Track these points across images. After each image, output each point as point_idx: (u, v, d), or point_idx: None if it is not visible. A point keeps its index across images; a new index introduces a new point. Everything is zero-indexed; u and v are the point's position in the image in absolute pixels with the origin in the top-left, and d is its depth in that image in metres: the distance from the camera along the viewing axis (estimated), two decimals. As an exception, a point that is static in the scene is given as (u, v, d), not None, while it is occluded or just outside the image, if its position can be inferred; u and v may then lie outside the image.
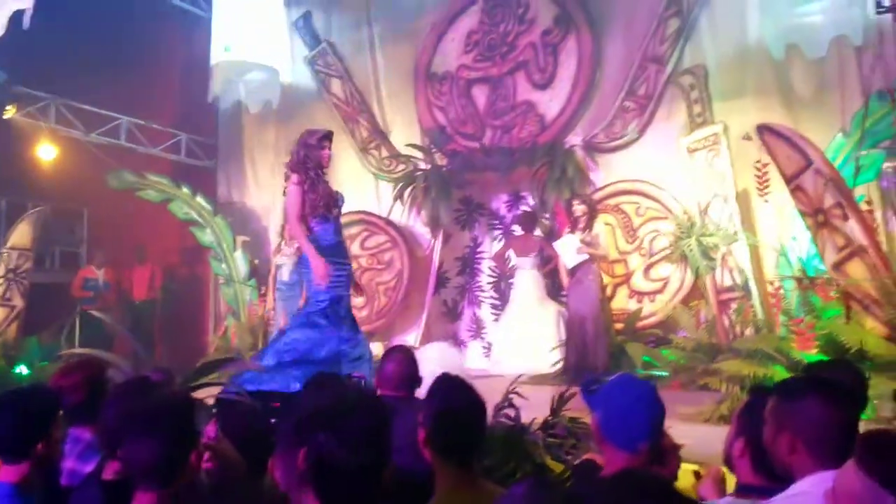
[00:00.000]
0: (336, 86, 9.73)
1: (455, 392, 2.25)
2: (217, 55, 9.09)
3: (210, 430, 2.56)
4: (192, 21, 9.99)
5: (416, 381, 3.12)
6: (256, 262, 9.58)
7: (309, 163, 4.92)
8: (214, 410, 3.11)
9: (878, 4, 4.97)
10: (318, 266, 4.78)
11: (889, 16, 6.17)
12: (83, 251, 10.28)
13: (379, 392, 3.20)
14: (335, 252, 4.98)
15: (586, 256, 6.87)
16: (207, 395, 4.31)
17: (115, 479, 2.16)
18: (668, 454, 2.61)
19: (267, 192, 10.09)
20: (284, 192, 5.13)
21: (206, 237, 9.61)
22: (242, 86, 9.63)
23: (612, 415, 2.14)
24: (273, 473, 1.96)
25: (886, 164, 5.95)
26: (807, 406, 1.91)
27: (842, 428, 1.85)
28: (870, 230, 4.78)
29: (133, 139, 9.82)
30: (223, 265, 9.54)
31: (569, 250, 6.99)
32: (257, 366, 4.90)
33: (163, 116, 10.30)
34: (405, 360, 3.13)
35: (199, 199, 9.60)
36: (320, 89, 9.79)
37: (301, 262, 5.26)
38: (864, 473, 1.44)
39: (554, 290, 7.87)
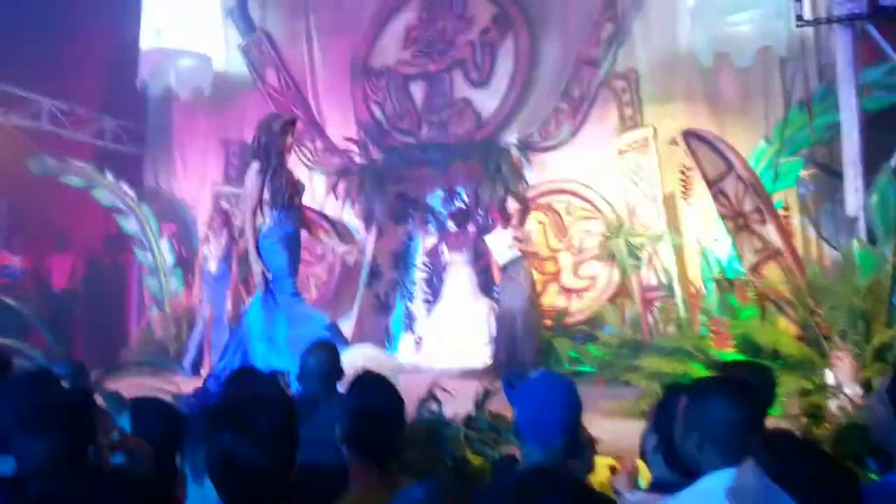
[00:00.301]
0: (271, 76, 9.54)
1: (373, 390, 2.23)
2: (147, 40, 8.81)
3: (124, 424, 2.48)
4: (122, 3, 9.63)
5: (338, 375, 3.10)
6: (184, 252, 9.34)
7: (271, 149, 4.81)
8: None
9: (799, 17, 5.16)
10: (258, 270, 4.73)
11: (812, 28, 6.44)
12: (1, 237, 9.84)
13: (300, 386, 3.17)
14: (295, 242, 4.95)
15: (517, 253, 6.95)
16: (125, 387, 4.19)
17: (9, 479, 2.07)
18: (584, 448, 2.66)
19: (196, 180, 9.84)
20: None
21: (131, 225, 9.33)
22: (173, 72, 9.32)
23: (530, 412, 2.16)
24: (182, 470, 1.92)
25: (804, 172, 6.19)
26: (715, 406, 1.97)
27: (747, 427, 1.91)
28: (786, 234, 4.97)
29: (56, 123, 9.41)
30: (148, 254, 9.28)
31: (500, 246, 7.05)
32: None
33: (88, 100, 9.91)
34: (327, 354, 3.11)
35: (124, 187, 9.31)
36: (254, 78, 9.58)
37: (261, 255, 5.04)
38: (760, 470, 1.49)
39: (486, 285, 7.93)
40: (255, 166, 4.81)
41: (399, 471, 2.34)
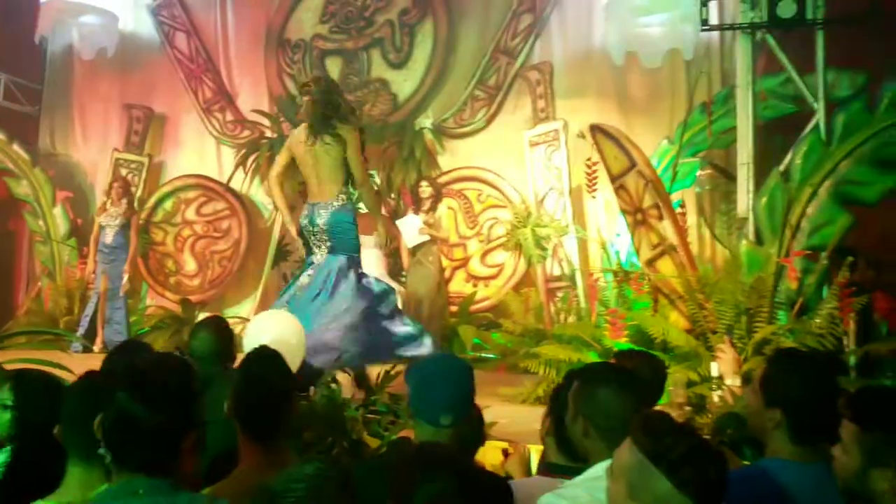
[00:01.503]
0: (180, 40, 9.17)
1: (260, 365, 2.21)
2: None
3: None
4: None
5: (228, 354, 3.02)
6: (79, 220, 8.91)
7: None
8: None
9: (704, 22, 5.36)
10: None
11: (717, 34, 6.71)
12: None
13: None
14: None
15: (427, 238, 6.96)
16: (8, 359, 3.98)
17: None
18: (475, 425, 2.70)
19: (95, 145, 9.38)
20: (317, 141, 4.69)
21: (22, 189, 8.82)
22: (76, 28, 8.87)
23: (419, 390, 2.17)
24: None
25: (701, 173, 6.47)
26: (600, 394, 2.03)
27: (631, 416, 1.98)
28: (681, 231, 5.19)
29: (-57, 75, 8.78)
30: (40, 221, 8.80)
31: (411, 230, 7.02)
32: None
33: (-21, 53, 9.27)
34: (213, 333, 3.00)
35: (17, 148, 8.78)
36: (163, 42, 9.19)
37: (335, 232, 4.78)
38: (635, 448, 1.55)
39: (395, 269, 7.91)
40: (357, 134, 4.62)
41: (290, 450, 2.32)
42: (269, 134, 8.61)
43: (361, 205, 5.48)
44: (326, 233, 4.75)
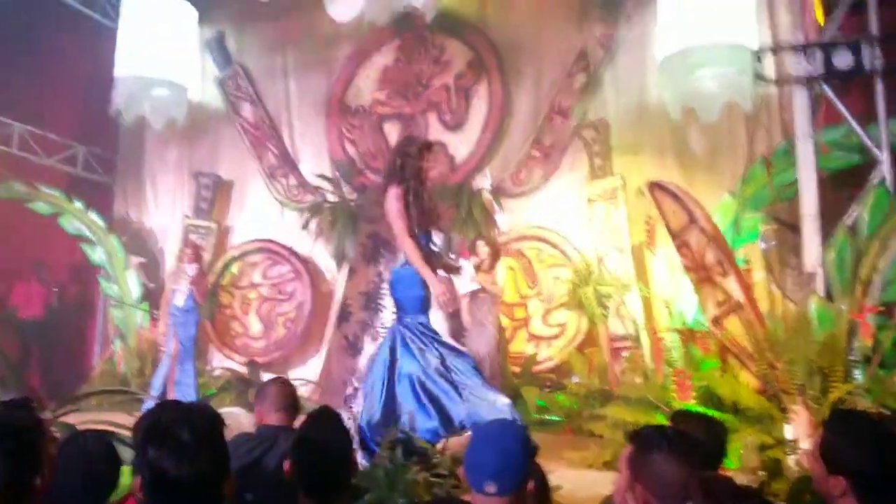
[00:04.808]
0: (246, 109, 9.59)
1: (321, 424, 2.22)
2: (122, 67, 8.78)
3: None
4: (98, 30, 9.63)
5: (293, 414, 3.06)
6: (151, 284, 9.23)
7: (408, 172, 4.65)
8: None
9: (759, 75, 5.32)
10: (440, 287, 4.34)
11: (776, 87, 6.63)
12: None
13: (259, 423, 3.11)
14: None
15: (477, 286, 6.86)
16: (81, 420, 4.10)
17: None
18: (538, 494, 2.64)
19: (166, 212, 9.78)
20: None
21: (97, 255, 9.21)
22: (147, 101, 9.31)
23: (468, 455, 2.12)
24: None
25: (765, 227, 6.33)
26: (655, 461, 1.97)
27: (688, 482, 1.92)
28: (747, 288, 5.05)
29: (26, 148, 9.32)
30: (114, 286, 9.15)
31: (464, 276, 6.91)
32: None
33: (60, 126, 9.82)
34: (281, 391, 3.05)
35: (92, 215, 9.22)
36: (229, 111, 9.63)
37: (393, 284, 4.62)
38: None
39: (457, 331, 7.90)
40: (393, 191, 4.43)
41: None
42: (331, 198, 8.83)
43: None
44: None
